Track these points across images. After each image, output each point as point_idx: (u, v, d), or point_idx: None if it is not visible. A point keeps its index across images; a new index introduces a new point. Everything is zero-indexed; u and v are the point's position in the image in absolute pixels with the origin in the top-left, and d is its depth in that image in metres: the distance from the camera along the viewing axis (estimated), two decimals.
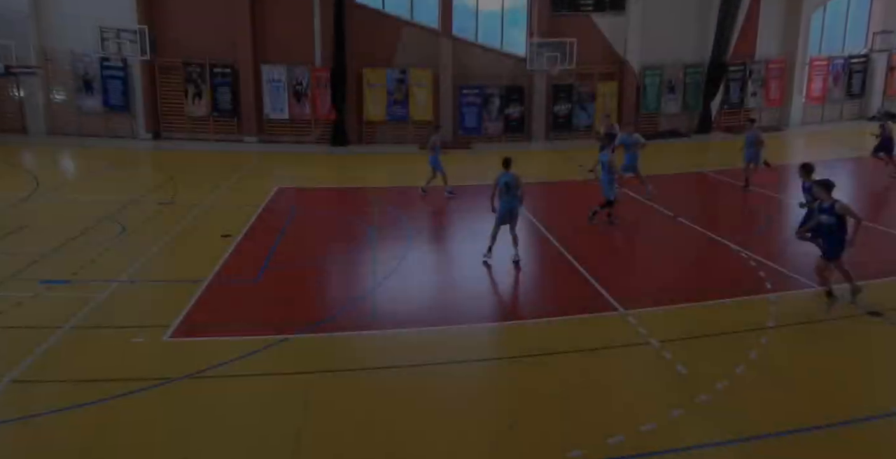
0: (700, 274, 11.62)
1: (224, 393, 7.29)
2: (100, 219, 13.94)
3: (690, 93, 28.73)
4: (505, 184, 11.66)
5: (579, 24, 27.08)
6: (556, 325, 9.24)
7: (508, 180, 11.65)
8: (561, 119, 27.62)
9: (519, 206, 11.78)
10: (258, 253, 12.18)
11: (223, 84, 25.36)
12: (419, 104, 26.31)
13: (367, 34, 25.75)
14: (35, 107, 25.11)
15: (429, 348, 8.54)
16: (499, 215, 11.78)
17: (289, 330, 8.79)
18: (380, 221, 14.61)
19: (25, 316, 9.05)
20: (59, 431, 6.44)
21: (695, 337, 8.73)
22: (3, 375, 7.33)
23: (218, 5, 24.86)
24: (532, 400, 7.13)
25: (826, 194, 9.35)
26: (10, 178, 18.29)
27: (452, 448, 6.31)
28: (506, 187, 11.65)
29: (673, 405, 6.97)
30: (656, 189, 16.59)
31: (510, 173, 11.72)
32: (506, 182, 11.66)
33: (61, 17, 24.41)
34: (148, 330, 8.66)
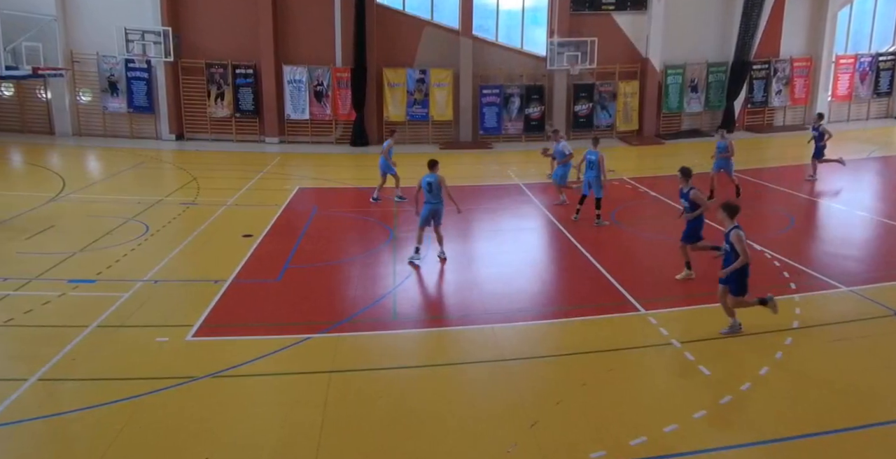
0: None
1: (246, 392, 7.35)
2: (125, 220, 14.13)
3: (713, 92, 28.44)
4: (427, 185, 11.73)
5: (600, 22, 26.93)
6: (577, 325, 9.20)
7: (431, 181, 11.72)
8: (581, 118, 27.47)
9: (443, 207, 11.90)
10: (279, 253, 12.26)
11: (245, 85, 25.57)
12: (439, 104, 26.33)
13: (388, 34, 25.82)
14: (62, 108, 25.50)
15: (449, 348, 8.55)
16: (421, 216, 11.88)
17: (310, 329, 8.85)
18: (400, 221, 14.64)
19: (52, 314, 9.19)
20: (85, 429, 6.53)
21: (718, 338, 8.65)
22: (30, 373, 7.45)
23: (241, 7, 25.06)
24: (553, 400, 7.10)
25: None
26: (37, 179, 18.60)
27: (473, 447, 6.31)
28: (428, 188, 11.73)
29: (696, 406, 6.91)
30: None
31: (434, 174, 11.80)
32: (428, 182, 11.73)
33: (88, 20, 24.76)
34: (171, 329, 8.76)
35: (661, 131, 28.30)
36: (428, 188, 11.76)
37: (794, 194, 17.16)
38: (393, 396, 7.29)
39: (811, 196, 16.95)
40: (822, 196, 17.17)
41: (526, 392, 7.37)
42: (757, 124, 29.39)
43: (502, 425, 6.68)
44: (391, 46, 25.91)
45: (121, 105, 25.51)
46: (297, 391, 7.35)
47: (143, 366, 7.80)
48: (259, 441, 6.39)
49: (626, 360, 8.17)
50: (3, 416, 6.60)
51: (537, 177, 19.77)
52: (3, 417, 6.58)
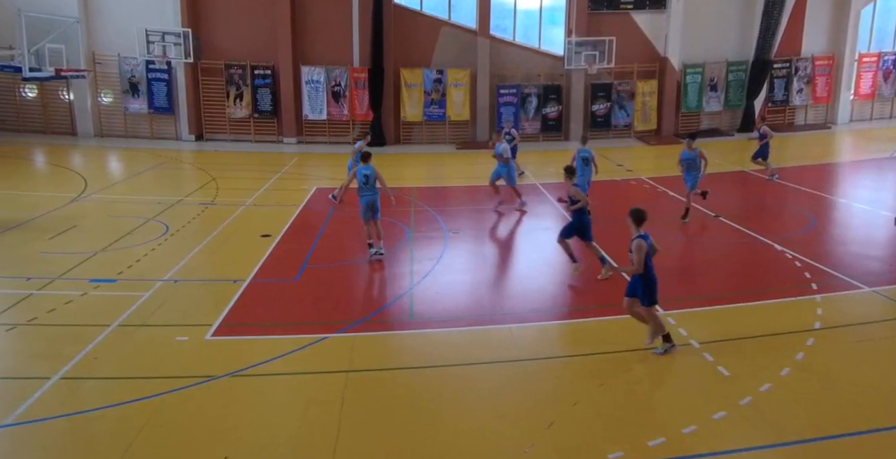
0: (742, 274, 11.40)
1: (264, 392, 7.40)
2: (145, 220, 14.28)
3: (733, 91, 28.18)
4: (364, 177, 11.68)
5: (618, 21, 26.80)
6: (594, 326, 9.17)
7: (368, 173, 11.66)
8: (599, 118, 27.36)
9: (379, 199, 11.81)
10: (297, 252, 12.33)
11: (263, 85, 25.74)
12: (456, 104, 26.34)
13: (405, 34, 25.87)
14: (84, 109, 25.82)
15: (467, 348, 8.54)
16: (362, 210, 11.84)
17: (327, 329, 8.88)
18: (417, 221, 14.66)
19: (75, 314, 9.31)
20: (106, 427, 6.61)
21: (737, 339, 8.57)
22: (53, 372, 7.55)
23: (259, 8, 25.24)
24: (570, 401, 7.08)
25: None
26: (60, 179, 18.85)
27: (490, 447, 6.30)
28: (365, 180, 11.68)
29: (715, 407, 6.85)
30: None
31: (370, 166, 11.74)
32: (365, 175, 11.67)
33: (109, 22, 25.06)
34: (191, 328, 8.84)
35: (679, 130, 28.09)
36: (364, 180, 11.68)
37: (814, 193, 16.96)
38: (409, 396, 7.30)
39: (824, 193, 16.72)
40: (843, 196, 16.96)
41: (542, 393, 7.35)
42: (777, 123, 29.02)
43: (519, 425, 6.67)
44: (408, 47, 25.96)
45: (141, 106, 25.79)
46: (314, 390, 7.39)
47: (163, 365, 7.88)
48: (277, 440, 6.43)
49: (645, 361, 8.11)
50: (27, 414, 6.69)
51: (555, 177, 19.68)
52: (27, 415, 6.67)
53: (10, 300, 9.68)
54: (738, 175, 20.10)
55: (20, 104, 25.91)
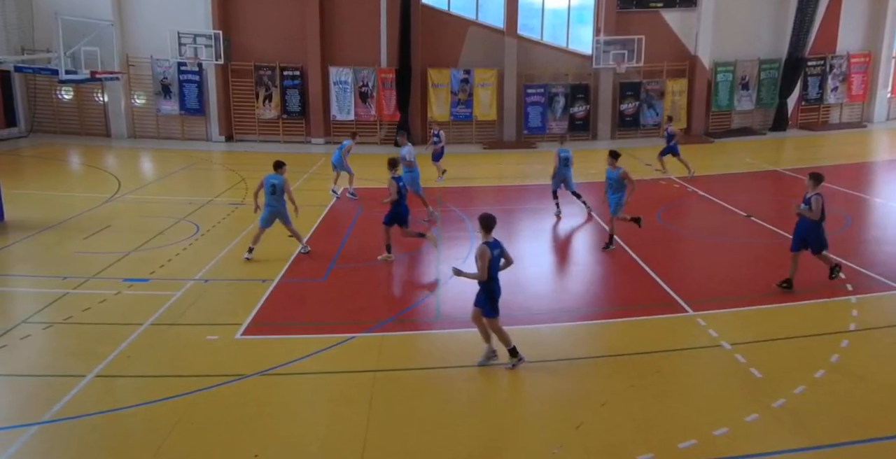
0: (774, 274, 11.19)
1: (293, 390, 7.47)
2: (176, 220, 14.49)
3: (765, 90, 27.76)
4: (271, 187, 11.49)
5: (648, 20, 26.55)
6: (623, 326, 9.09)
7: (276, 182, 11.46)
8: (627, 117, 27.13)
9: (285, 210, 11.65)
10: (325, 253, 12.42)
11: (292, 86, 25.97)
12: (483, 104, 26.31)
13: (433, 35, 25.92)
14: (117, 111, 26.31)
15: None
16: (262, 217, 11.72)
17: (355, 328, 8.94)
18: (443, 221, 14.67)
19: (109, 312, 9.48)
20: (140, 424, 6.73)
21: (770, 340, 8.45)
22: (88, 370, 7.70)
23: (288, 10, 25.48)
24: (599, 402, 7.03)
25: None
26: (94, 180, 19.21)
27: (518, 448, 6.29)
28: (272, 189, 11.49)
29: (747, 409, 6.76)
30: None
31: (278, 176, 11.53)
32: (272, 184, 11.48)
33: (142, 25, 25.52)
34: (221, 327, 8.95)
35: (709, 129, 27.76)
36: (271, 190, 11.51)
37: (850, 193, 16.62)
38: (437, 396, 7.31)
39: (857, 192, 16.34)
40: (879, 195, 16.60)
41: (570, 394, 7.31)
42: (811, 122, 28.57)
43: (547, 426, 6.64)
44: (436, 47, 26.01)
45: (173, 107, 26.19)
46: (342, 389, 7.43)
47: (194, 364, 7.99)
48: (307, 438, 6.48)
49: (674, 362, 8.03)
50: (64, 411, 6.83)
51: (582, 177, 19.56)
52: (64, 412, 6.82)
53: (47, 299, 9.89)
54: (771, 174, 19.80)
55: (57, 106, 26.49)
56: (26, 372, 7.77)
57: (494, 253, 7.63)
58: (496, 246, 7.71)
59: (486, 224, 7.78)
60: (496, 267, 7.69)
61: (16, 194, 15.64)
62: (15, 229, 13.63)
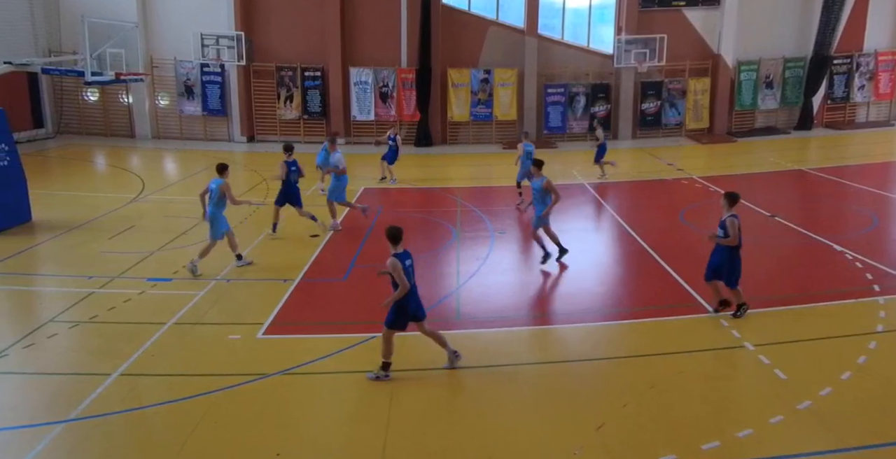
0: (799, 275, 11.08)
1: (315, 390, 7.51)
2: (199, 220, 14.58)
3: (790, 88, 27.40)
4: (211, 191, 11.11)
5: (670, 18, 26.33)
6: (644, 327, 9.03)
7: (213, 187, 11.08)
8: (649, 117, 26.93)
9: (219, 214, 11.16)
10: (345, 252, 12.47)
11: (313, 87, 26.11)
12: (503, 103, 26.27)
13: (453, 35, 25.92)
14: (142, 112, 26.63)
15: (514, 348, 8.52)
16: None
17: (375, 328, 8.92)
18: (463, 221, 14.67)
19: (133, 312, 9.60)
20: (164, 423, 6.81)
21: (795, 341, 8.34)
22: (113, 369, 7.80)
23: (310, 11, 25.61)
24: (620, 403, 6.99)
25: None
26: (119, 181, 19.47)
27: (539, 448, 6.27)
28: (210, 194, 11.12)
29: (772, 411, 6.68)
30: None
31: (219, 180, 11.11)
32: (210, 188, 11.11)
33: (166, 27, 25.78)
34: (243, 327, 9.02)
35: (733, 129, 27.47)
36: (211, 194, 11.14)
37: (877, 192, 16.35)
38: (457, 396, 7.32)
39: (885, 191, 16.05)
40: None
41: (591, 394, 7.28)
42: (837, 121, 28.15)
43: (568, 427, 6.62)
44: (456, 47, 26.01)
45: (196, 108, 26.44)
46: (363, 389, 7.46)
47: (217, 363, 8.06)
48: (328, 438, 6.51)
49: (697, 363, 7.96)
50: (90, 409, 6.93)
51: (602, 177, 19.47)
52: (90, 410, 6.91)
53: (74, 298, 10.04)
54: (796, 174, 19.55)
55: (82, 107, 26.86)
56: (53, 370, 7.89)
57: (406, 263, 7.49)
58: (407, 257, 7.58)
59: (393, 235, 7.64)
60: (410, 279, 7.53)
61: (43, 194, 15.89)
62: (42, 229, 13.86)
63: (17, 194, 14.07)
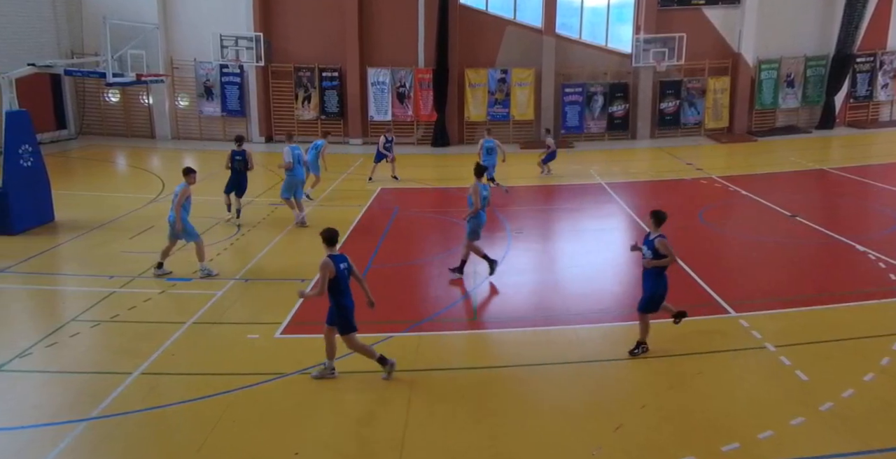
0: (821, 275, 10.95)
1: (332, 390, 7.53)
2: (218, 220, 14.74)
3: (811, 87, 27.07)
4: (175, 194, 10.94)
5: (689, 17, 26.12)
6: (663, 327, 8.94)
7: (177, 190, 10.92)
8: (668, 116, 26.74)
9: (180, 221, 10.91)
10: (362, 252, 12.49)
11: (331, 88, 26.21)
12: (520, 103, 26.20)
13: (471, 35, 25.90)
14: (162, 113, 26.88)
15: (531, 348, 8.49)
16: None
17: (392, 328, 8.98)
18: None
19: (153, 311, 9.70)
20: (184, 421, 6.87)
21: (817, 343, 8.24)
22: (134, 367, 7.89)
23: (328, 11, 25.70)
24: (638, 403, 6.95)
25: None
26: (140, 181, 19.66)
27: (556, 449, 6.25)
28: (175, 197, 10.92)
29: (793, 412, 6.61)
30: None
31: (182, 183, 10.93)
32: (175, 193, 10.93)
33: (186, 28, 26.00)
34: (261, 326, 9.08)
35: (753, 128, 27.20)
36: (174, 197, 10.94)
37: None
38: (474, 396, 7.31)
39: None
40: None
41: (609, 395, 7.24)
42: (860, 120, 27.77)
43: (585, 427, 6.59)
44: (473, 47, 25.99)
45: (215, 109, 26.65)
46: (380, 389, 7.47)
47: (235, 362, 8.12)
48: (345, 437, 6.54)
49: (716, 363, 7.89)
50: (111, 408, 7.01)
51: (621, 176, 19.37)
52: (111, 409, 6.99)
53: (95, 297, 10.16)
54: (817, 173, 19.31)
55: (104, 108, 27.18)
56: (75, 368, 7.99)
57: (341, 266, 7.34)
58: (342, 259, 7.44)
59: (328, 237, 7.52)
60: (345, 282, 7.39)
61: (65, 194, 16.09)
62: (65, 229, 14.04)
63: (41, 194, 14.26)
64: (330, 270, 7.25)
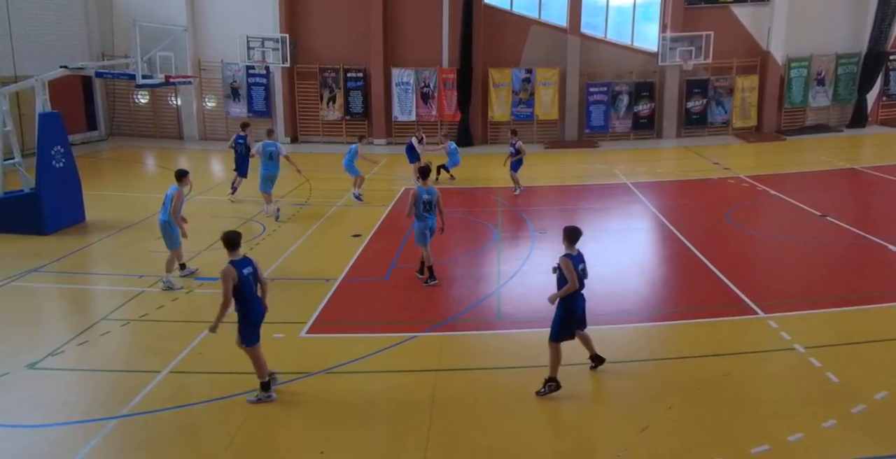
0: (852, 276, 10.75)
1: (357, 389, 7.56)
2: (244, 220, 14.89)
3: (843, 85, 26.61)
4: (166, 197, 10.72)
5: (717, 15, 25.80)
6: (689, 328, 8.88)
7: (168, 193, 10.71)
8: (694, 115, 26.44)
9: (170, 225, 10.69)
10: (387, 252, 12.55)
11: (355, 88, 26.34)
12: (545, 103, 26.10)
13: (495, 35, 25.86)
14: (189, 114, 27.22)
15: None
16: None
17: (416, 328, 9.00)
18: (504, 221, 14.62)
19: (181, 310, 9.83)
20: (211, 419, 6.96)
21: (848, 344, 8.10)
22: (163, 366, 8.00)
23: (353, 12, 25.82)
24: (665, 405, 6.88)
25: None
26: (168, 182, 19.85)
27: (582, 450, 6.21)
28: (167, 200, 10.70)
29: (824, 415, 6.51)
30: None
31: (178, 188, 10.71)
32: (167, 194, 10.73)
33: (214, 30, 26.30)
34: (286, 326, 9.14)
35: (782, 127, 26.79)
36: (165, 201, 10.75)
37: None
38: (499, 396, 7.29)
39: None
40: None
41: (635, 396, 7.18)
42: (893, 118, 27.21)
43: (611, 428, 6.55)
44: (497, 46, 25.94)
45: (241, 110, 26.91)
46: (404, 388, 7.50)
47: None
48: (370, 437, 6.56)
49: (744, 365, 7.79)
50: (140, 406, 7.11)
51: (646, 176, 19.21)
52: (140, 406, 7.10)
53: (125, 297, 10.32)
54: (849, 172, 18.97)
55: (133, 110, 27.62)
56: (106, 367, 8.12)
57: (244, 272, 6.98)
58: (246, 264, 7.08)
59: (229, 240, 7.13)
60: (251, 289, 7.04)
61: (96, 195, 16.35)
62: (95, 229, 14.27)
63: (73, 195, 14.52)
64: (232, 277, 6.87)
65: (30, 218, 13.56)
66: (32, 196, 13.68)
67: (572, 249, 7.25)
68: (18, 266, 11.60)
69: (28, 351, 8.35)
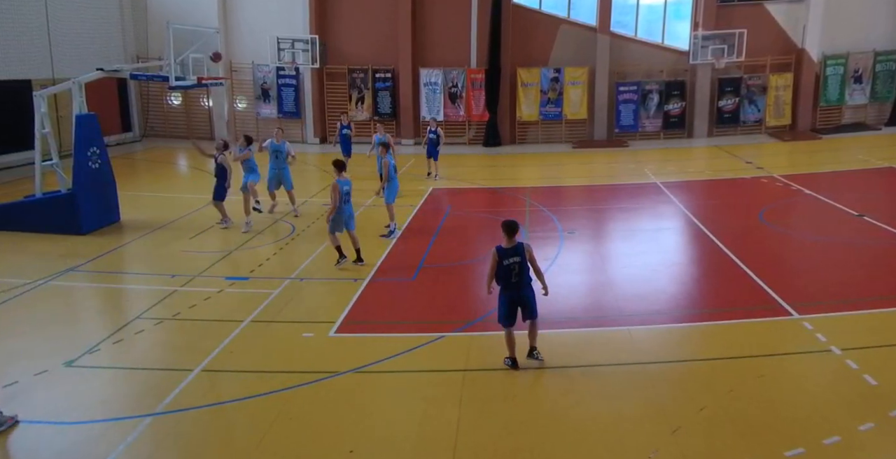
0: (890, 277, 10.50)
1: (386, 388, 7.59)
2: (274, 220, 15.04)
3: (881, 83, 26.01)
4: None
5: (750, 13, 25.41)
6: (721, 329, 8.75)
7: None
8: (726, 114, 26.06)
9: None
10: (414, 252, 12.57)
11: (384, 89, 26.46)
12: (573, 102, 25.94)
13: (524, 34, 25.77)
14: (221, 115, 27.56)
15: (585, 349, 8.40)
16: None
17: (444, 328, 9.00)
18: (532, 221, 14.56)
19: (212, 309, 9.95)
20: (243, 417, 7.03)
21: (887, 346, 7.93)
22: (195, 364, 8.10)
23: (381, 13, 25.93)
24: (696, 406, 6.79)
25: None
26: (199, 183, 20.19)
27: (612, 451, 6.16)
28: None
29: (861, 418, 6.37)
30: None
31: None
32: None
33: (245, 32, 26.60)
34: (316, 325, 9.21)
35: (817, 125, 26.28)
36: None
37: None
38: (528, 396, 7.27)
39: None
40: None
41: (666, 398, 7.10)
42: None
43: (642, 429, 6.48)
44: (526, 46, 25.85)
45: (271, 111, 27.20)
46: (433, 388, 7.50)
47: (291, 360, 8.27)
48: (400, 436, 6.58)
49: (778, 367, 7.65)
50: (174, 404, 7.21)
51: (676, 176, 18.99)
52: (173, 405, 7.19)
53: (158, 296, 10.48)
54: (886, 171, 18.55)
55: (167, 111, 28.08)
56: (140, 365, 8.26)
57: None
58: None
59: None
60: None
61: (130, 195, 16.65)
62: (129, 229, 14.53)
63: (108, 195, 14.79)
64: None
65: (67, 218, 13.83)
66: (69, 196, 13.96)
67: (509, 242, 7.87)
68: (56, 265, 11.84)
69: (66, 349, 8.51)
